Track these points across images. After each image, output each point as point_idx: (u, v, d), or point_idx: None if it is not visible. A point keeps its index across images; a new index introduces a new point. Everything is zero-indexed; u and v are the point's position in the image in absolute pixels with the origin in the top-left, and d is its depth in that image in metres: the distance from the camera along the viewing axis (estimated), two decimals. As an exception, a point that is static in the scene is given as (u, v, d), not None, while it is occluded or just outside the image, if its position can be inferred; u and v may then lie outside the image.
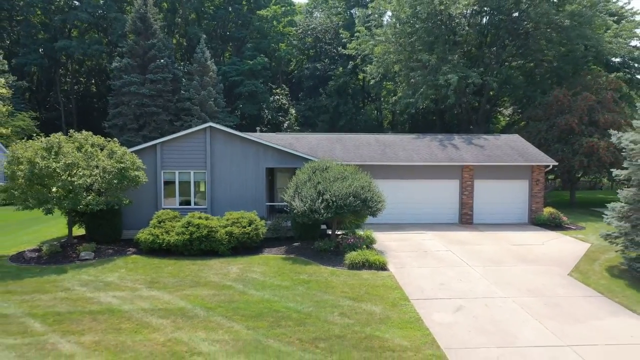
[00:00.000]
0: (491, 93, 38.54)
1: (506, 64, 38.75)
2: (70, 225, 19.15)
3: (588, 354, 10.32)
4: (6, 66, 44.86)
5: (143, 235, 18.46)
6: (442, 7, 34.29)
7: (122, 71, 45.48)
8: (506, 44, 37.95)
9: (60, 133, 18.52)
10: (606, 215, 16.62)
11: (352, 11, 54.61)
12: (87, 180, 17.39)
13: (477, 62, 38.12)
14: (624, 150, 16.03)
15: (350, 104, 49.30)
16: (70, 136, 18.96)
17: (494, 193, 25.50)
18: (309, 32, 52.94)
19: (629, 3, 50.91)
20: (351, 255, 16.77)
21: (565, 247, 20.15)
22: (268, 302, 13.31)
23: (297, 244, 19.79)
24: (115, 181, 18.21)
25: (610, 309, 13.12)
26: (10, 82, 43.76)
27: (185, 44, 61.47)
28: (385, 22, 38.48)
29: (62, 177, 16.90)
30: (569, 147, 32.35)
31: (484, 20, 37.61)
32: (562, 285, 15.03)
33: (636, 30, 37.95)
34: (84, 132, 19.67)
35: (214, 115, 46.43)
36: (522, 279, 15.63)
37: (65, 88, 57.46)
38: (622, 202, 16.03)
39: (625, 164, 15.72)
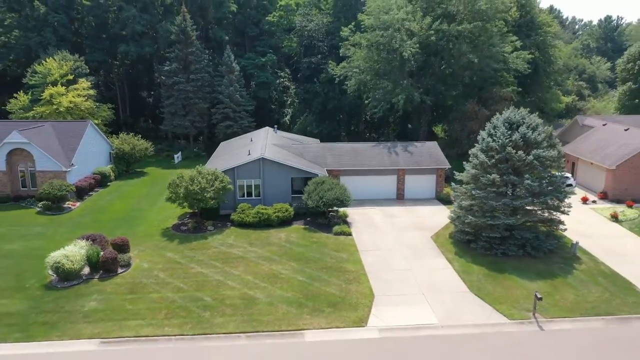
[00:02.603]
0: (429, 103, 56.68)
1: (440, 82, 56.80)
2: (199, 211, 38.71)
3: (415, 272, 30.56)
4: (87, 69, 61.84)
5: (235, 216, 38.19)
6: (397, 46, 51.79)
7: (172, 73, 62.79)
8: (441, 64, 55.87)
9: (195, 168, 37.73)
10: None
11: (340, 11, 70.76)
12: (211, 194, 36.76)
13: (420, 80, 56.26)
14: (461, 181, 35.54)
15: (337, 91, 67.22)
16: (197, 169, 37.93)
17: (416, 181, 45.22)
18: (305, 33, 69.55)
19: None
20: (335, 228, 36.73)
21: (442, 219, 40.11)
22: (302, 253, 33.31)
23: (309, 219, 39.56)
24: (220, 192, 37.63)
25: (436, 254, 33.35)
26: (93, 82, 60.84)
27: (201, 22, 77.18)
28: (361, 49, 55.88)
29: (200, 193, 36.27)
30: (473, 143, 51.68)
31: (424, 55, 55.11)
32: (424, 243, 35.23)
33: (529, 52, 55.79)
34: (201, 165, 38.81)
35: (239, 103, 64.49)
36: (410, 239, 35.74)
37: (117, 71, 74.53)
38: (456, 204, 35.82)
39: (453, 196, 35.40)
